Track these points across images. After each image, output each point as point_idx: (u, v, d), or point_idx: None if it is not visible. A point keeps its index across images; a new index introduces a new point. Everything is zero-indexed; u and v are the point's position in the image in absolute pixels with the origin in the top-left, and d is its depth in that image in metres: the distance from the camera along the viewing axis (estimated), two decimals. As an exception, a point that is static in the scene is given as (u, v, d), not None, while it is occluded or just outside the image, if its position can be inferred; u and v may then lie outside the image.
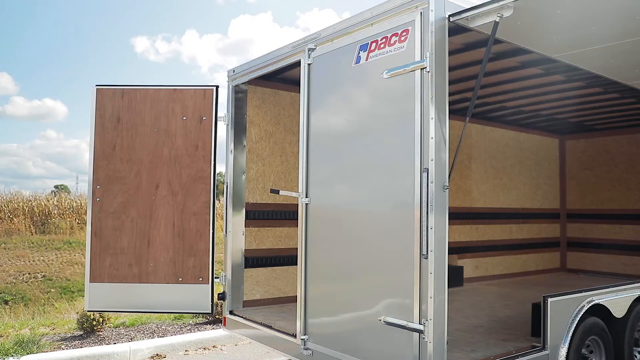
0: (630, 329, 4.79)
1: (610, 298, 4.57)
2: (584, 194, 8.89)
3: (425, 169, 3.17)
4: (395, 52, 3.41)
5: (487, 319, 5.05)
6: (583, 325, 4.25)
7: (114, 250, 5.14)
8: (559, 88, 5.96)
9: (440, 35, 3.26)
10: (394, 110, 3.42)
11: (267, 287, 5.45)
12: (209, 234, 5.11)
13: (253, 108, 5.47)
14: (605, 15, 3.28)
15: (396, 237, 3.34)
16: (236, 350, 6.02)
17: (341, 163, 3.87)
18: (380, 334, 3.42)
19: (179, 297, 5.12)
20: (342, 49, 3.86)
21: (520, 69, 5.13)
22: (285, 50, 4.56)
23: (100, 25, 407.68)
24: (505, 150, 8.15)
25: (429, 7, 3.23)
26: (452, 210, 7.44)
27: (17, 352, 5.32)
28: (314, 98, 4.11)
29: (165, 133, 5.22)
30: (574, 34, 3.60)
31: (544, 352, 3.92)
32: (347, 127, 3.84)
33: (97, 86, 5.31)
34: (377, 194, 3.55)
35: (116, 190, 5.19)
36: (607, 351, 4.50)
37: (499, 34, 3.65)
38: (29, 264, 17.35)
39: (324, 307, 3.98)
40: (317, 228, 4.04)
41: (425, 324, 3.14)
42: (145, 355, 5.71)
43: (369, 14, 3.67)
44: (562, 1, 3.03)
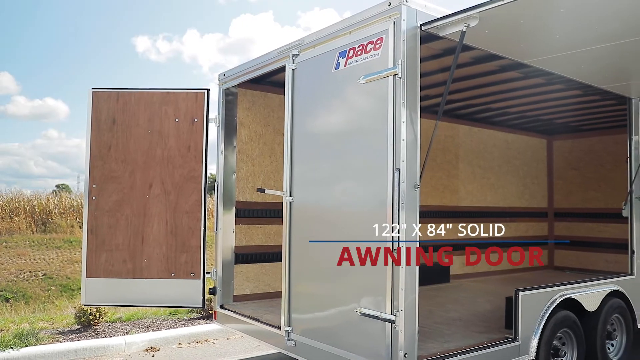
0: (602, 322, 4.99)
1: (582, 292, 4.78)
2: (570, 193, 9.09)
3: (397, 169, 3.38)
4: (370, 59, 3.62)
5: (466, 313, 5.25)
6: (554, 318, 4.45)
7: (109, 247, 5.36)
8: (540, 90, 6.16)
9: (412, 43, 3.47)
10: (369, 114, 3.63)
11: (256, 283, 5.66)
12: (200, 231, 5.33)
13: (243, 110, 5.68)
14: (565, 26, 3.48)
15: (372, 233, 3.54)
16: (228, 344, 6.24)
17: (322, 163, 4.08)
18: (357, 325, 3.63)
19: (172, 292, 5.33)
20: (323, 55, 4.07)
21: (499, 72, 5.33)
22: (271, 55, 4.77)
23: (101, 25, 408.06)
24: (492, 151, 8.35)
25: (401, 17, 3.43)
26: (439, 209, 7.69)
27: (17, 344, 5.54)
28: (298, 102, 4.32)
29: (158, 134, 5.43)
30: (541, 42, 3.81)
31: (515, 343, 4.13)
32: (327, 129, 4.05)
33: (93, 89, 5.52)
34: (354, 193, 3.76)
35: (111, 189, 5.40)
36: (578, 343, 4.71)
37: (470, 41, 3.88)
38: (29, 262, 17.57)
39: (306, 300, 4.20)
40: (300, 225, 4.24)
41: (396, 314, 3.34)
42: (140, 348, 5.93)
43: (347, 22, 3.88)
44: (523, 12, 3.23)
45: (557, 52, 4.00)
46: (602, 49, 3.90)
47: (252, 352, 5.89)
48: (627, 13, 3.29)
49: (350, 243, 3.73)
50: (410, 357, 3.37)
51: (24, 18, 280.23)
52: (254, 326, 4.80)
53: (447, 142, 7.66)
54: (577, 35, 3.62)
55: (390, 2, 3.51)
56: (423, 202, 7.49)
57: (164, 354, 5.80)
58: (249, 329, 4.89)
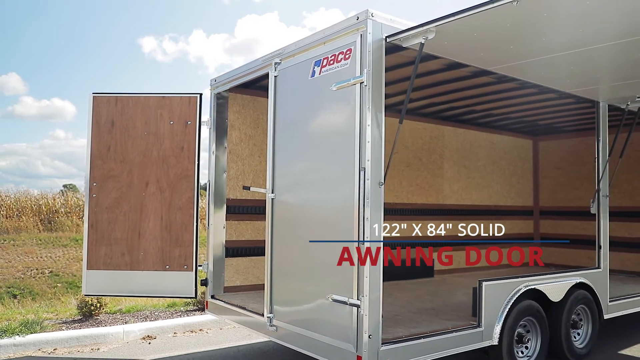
0: (567, 312, 5.32)
1: (546, 284, 5.11)
2: (555, 192, 9.40)
3: (363, 168, 3.73)
4: (341, 68, 3.97)
5: (441, 303, 5.58)
6: (518, 307, 4.79)
7: (109, 241, 5.75)
8: (516, 94, 6.48)
9: (377, 54, 3.82)
10: (340, 118, 3.99)
11: (246, 275, 6.03)
12: (193, 227, 5.71)
13: (234, 113, 6.05)
14: (516, 38, 3.82)
15: (341, 226, 3.90)
16: (220, 333, 6.61)
17: (300, 163, 4.44)
18: (329, 310, 3.98)
19: (166, 283, 5.72)
20: (301, 63, 4.43)
21: (473, 77, 5.66)
22: (257, 63, 5.14)
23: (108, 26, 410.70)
24: (478, 151, 8.67)
25: (367, 30, 3.78)
26: (424, 207, 8.03)
27: (22, 331, 5.95)
28: (280, 106, 4.68)
29: (154, 136, 5.82)
30: (497, 51, 4.14)
31: (479, 329, 4.47)
32: (305, 131, 4.41)
33: (93, 94, 5.92)
34: (327, 190, 4.12)
35: (110, 187, 5.80)
36: (542, 331, 5.04)
37: (434, 51, 4.23)
38: (36, 260, 18.02)
39: (286, 289, 4.56)
40: (281, 220, 4.61)
41: (362, 299, 3.69)
42: (137, 337, 6.31)
43: (322, 34, 4.23)
44: (475, 26, 3.57)
45: (515, 61, 4.34)
46: (557, 57, 4.23)
47: (243, 340, 6.26)
48: (572, 26, 3.63)
49: (324, 235, 4.09)
50: (375, 339, 3.72)
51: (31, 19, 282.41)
52: (241, 314, 5.17)
53: (432, 142, 8.00)
54: (528, 46, 3.95)
55: (358, 17, 3.87)
56: (408, 200, 7.91)
57: (160, 342, 6.19)
58: (236, 317, 5.26)
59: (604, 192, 6.04)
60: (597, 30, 3.69)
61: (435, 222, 8.01)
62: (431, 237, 7.96)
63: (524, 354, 4.96)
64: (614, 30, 3.69)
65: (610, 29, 3.66)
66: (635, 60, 4.33)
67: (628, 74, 4.91)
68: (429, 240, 7.88)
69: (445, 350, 4.19)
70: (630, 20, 3.47)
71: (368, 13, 3.80)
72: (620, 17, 3.43)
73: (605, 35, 3.78)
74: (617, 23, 3.57)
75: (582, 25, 3.55)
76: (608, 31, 3.71)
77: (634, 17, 3.39)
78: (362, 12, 3.84)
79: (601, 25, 3.60)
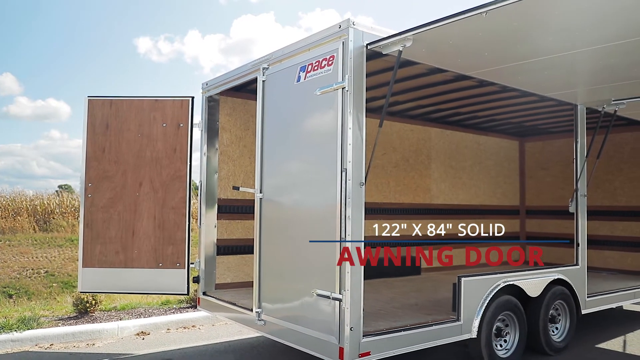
0: (545, 307, 5.54)
1: (524, 280, 5.33)
2: (540, 192, 9.64)
3: (344, 169, 3.93)
4: (324, 74, 4.17)
5: (424, 299, 5.79)
6: (496, 302, 5.00)
7: (104, 240, 5.93)
8: (500, 97, 6.69)
9: (358, 60, 4.02)
10: (323, 121, 4.19)
11: (236, 272, 6.22)
12: (185, 226, 5.90)
13: (225, 116, 6.25)
14: (489, 45, 4.03)
15: (325, 225, 4.10)
16: (212, 329, 6.80)
17: (287, 164, 4.64)
18: (314, 304, 4.18)
19: (160, 280, 5.90)
20: (288, 69, 4.63)
21: (455, 81, 5.87)
22: (246, 67, 5.33)
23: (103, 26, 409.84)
24: (464, 152, 8.90)
25: (348, 38, 3.99)
26: (411, 206, 8.24)
27: (20, 327, 6.13)
28: (268, 109, 4.88)
29: (147, 138, 6.01)
30: (473, 58, 4.35)
31: (458, 322, 4.68)
32: (291, 134, 4.61)
33: (88, 97, 6.09)
34: (312, 191, 4.32)
35: (105, 188, 5.98)
36: (520, 325, 5.25)
37: (414, 57, 4.44)
38: (32, 260, 18.12)
39: (273, 285, 4.75)
40: (269, 219, 4.80)
41: (343, 294, 3.89)
42: (131, 333, 6.50)
43: (307, 41, 4.43)
44: (449, 34, 3.78)
45: (492, 66, 4.55)
46: (531, 63, 4.45)
47: (234, 336, 6.45)
48: (542, 35, 3.84)
49: (309, 233, 4.29)
50: (356, 331, 3.92)
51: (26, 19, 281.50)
52: (231, 310, 5.36)
53: (419, 144, 8.21)
54: (501, 53, 4.16)
55: (340, 25, 4.07)
56: (395, 200, 8.11)
57: (154, 338, 6.37)
58: (227, 312, 5.45)
59: (582, 192, 6.25)
60: (566, 38, 3.90)
61: (422, 221, 8.22)
62: (419, 235, 8.17)
63: (502, 347, 5.17)
64: (583, 40, 3.89)
65: (579, 39, 3.87)
66: (609, 65, 4.53)
67: (604, 78, 5.12)
68: (417, 238, 8.09)
69: (425, 342, 4.40)
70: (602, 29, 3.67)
71: (350, 22, 4.00)
72: (590, 27, 3.64)
73: (574, 44, 3.99)
74: (587, 33, 3.79)
75: (552, 34, 3.76)
76: (577, 40, 3.92)
77: (606, 26, 3.58)
78: (344, 20, 4.05)
79: (571, 34, 3.81)
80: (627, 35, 3.72)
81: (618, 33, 3.72)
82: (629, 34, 3.69)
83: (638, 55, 4.13)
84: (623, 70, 4.66)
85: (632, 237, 8.40)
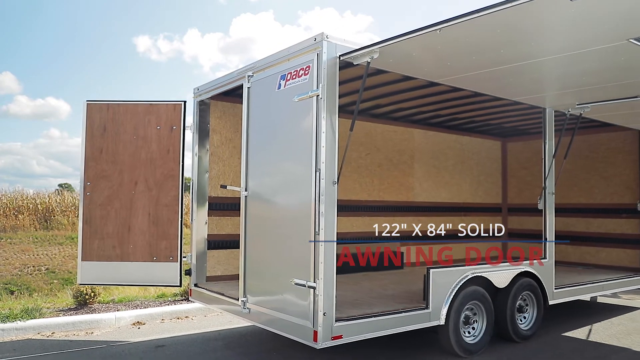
0: (512, 297, 5.94)
1: (491, 272, 5.73)
2: (522, 190, 10.05)
3: (318, 169, 4.33)
4: (301, 82, 4.58)
5: (401, 291, 6.18)
6: (464, 292, 5.40)
7: (101, 235, 6.34)
8: (475, 100, 7.07)
9: (331, 70, 4.42)
10: (300, 126, 4.58)
11: (226, 266, 6.63)
12: (178, 222, 6.31)
13: (215, 119, 6.65)
14: (450, 56, 4.43)
15: (301, 220, 4.49)
16: (204, 320, 7.21)
17: (269, 164, 5.05)
18: (292, 292, 4.59)
19: (154, 273, 6.31)
20: (270, 77, 5.03)
21: (429, 86, 6.25)
22: (233, 75, 5.73)
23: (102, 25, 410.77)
24: (447, 152, 9.30)
25: (322, 50, 4.38)
26: (395, 203, 8.64)
27: (23, 317, 6.55)
28: (252, 114, 5.28)
29: (142, 140, 6.41)
30: (438, 67, 4.75)
31: (427, 310, 5.09)
32: (273, 136, 5.01)
33: (87, 101, 6.50)
34: (290, 188, 4.72)
35: (103, 186, 6.38)
36: (487, 314, 5.65)
37: (384, 67, 4.85)
38: (33, 257, 18.53)
39: (257, 276, 5.16)
40: (253, 215, 5.21)
41: (317, 282, 4.30)
42: (128, 322, 6.91)
43: (287, 52, 4.83)
44: (411, 47, 4.18)
45: (457, 74, 4.95)
46: (495, 71, 4.84)
47: (225, 325, 6.85)
48: (493, 48, 4.24)
49: (288, 228, 4.70)
50: (329, 316, 4.32)
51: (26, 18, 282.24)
52: (220, 300, 5.77)
53: (402, 144, 8.61)
54: (463, 63, 4.56)
55: (316, 38, 4.47)
56: (380, 198, 8.52)
57: (149, 327, 6.78)
58: (216, 302, 5.86)
59: (550, 190, 6.67)
60: (521, 50, 4.29)
61: (405, 217, 8.63)
62: (402, 231, 8.57)
63: (470, 334, 5.58)
64: (538, 51, 4.28)
65: (534, 50, 4.26)
66: (571, 72, 4.90)
67: (566, 84, 5.50)
68: (400, 234, 8.49)
69: (394, 328, 4.81)
70: (553, 41, 4.05)
71: (324, 35, 4.41)
72: (541, 40, 4.03)
73: (530, 54, 4.38)
74: (538, 45, 4.18)
75: (503, 46, 4.16)
76: (532, 51, 4.31)
77: (557, 38, 3.95)
78: (319, 34, 4.45)
79: (525, 46, 4.19)
80: (580, 47, 4.07)
81: (565, 45, 4.11)
82: (584, 45, 4.02)
83: (593, 63, 4.49)
84: (581, 76, 5.04)
85: (606, 233, 8.81)
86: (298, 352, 5.53)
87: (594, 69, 4.67)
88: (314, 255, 4.34)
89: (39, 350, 5.70)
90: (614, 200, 8.77)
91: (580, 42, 3.96)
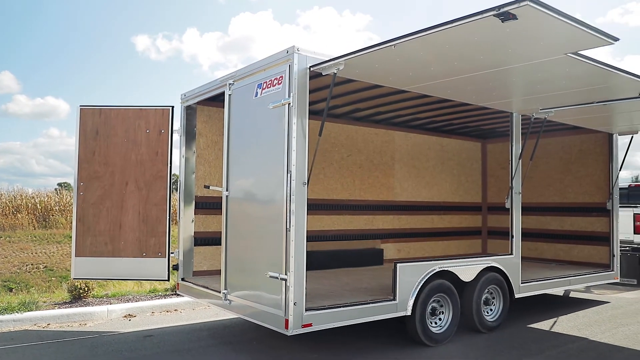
0: (478, 291, 6.34)
1: (457, 266, 6.12)
2: (500, 189, 10.44)
3: (289, 171, 4.73)
4: (275, 91, 4.97)
5: (376, 285, 6.57)
6: (431, 285, 5.79)
7: (94, 232, 6.74)
8: (448, 104, 7.46)
9: (302, 80, 4.81)
10: (274, 131, 4.98)
11: (212, 261, 7.02)
12: (166, 220, 6.71)
13: (201, 123, 7.05)
14: (410, 68, 4.82)
15: (274, 218, 4.89)
16: (192, 313, 7.61)
17: (247, 166, 5.44)
18: (267, 284, 4.98)
19: (143, 268, 6.72)
20: (248, 85, 5.42)
21: (400, 92, 6.62)
22: (217, 82, 6.13)
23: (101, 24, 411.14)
24: (427, 153, 9.70)
25: (293, 62, 4.78)
26: (376, 202, 9.08)
27: (21, 309, 6.95)
28: (232, 119, 5.68)
29: (133, 142, 6.81)
30: (401, 77, 5.14)
31: (394, 302, 5.48)
32: (250, 140, 5.40)
33: (80, 106, 6.89)
34: (264, 189, 5.12)
35: (95, 186, 6.78)
36: (453, 306, 6.05)
37: (352, 76, 5.24)
38: (31, 255, 18.87)
39: (237, 269, 5.55)
40: (233, 214, 5.60)
41: (289, 274, 4.69)
42: (119, 315, 7.31)
43: (263, 62, 5.23)
44: (373, 60, 4.56)
45: (420, 83, 5.35)
46: (453, 80, 5.23)
47: (211, 318, 7.25)
48: (447, 60, 4.63)
49: (262, 225, 5.09)
50: (299, 306, 4.72)
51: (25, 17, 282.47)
52: (204, 293, 6.16)
53: (383, 146, 9.01)
54: (422, 73, 4.95)
55: (288, 50, 4.86)
56: (361, 197, 8.93)
57: (139, 319, 7.18)
58: (201, 294, 6.26)
59: (516, 190, 7.07)
60: (467, 63, 4.66)
61: (386, 216, 9.04)
62: (382, 229, 8.99)
63: (437, 324, 5.98)
64: (479, 64, 4.65)
65: (475, 64, 4.65)
66: (527, 81, 5.28)
67: (528, 91, 5.88)
68: (381, 232, 8.91)
69: (362, 317, 5.20)
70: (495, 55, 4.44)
71: (295, 48, 4.80)
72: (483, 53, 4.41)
73: (481, 66, 4.76)
74: (484, 60, 4.56)
75: (455, 59, 4.55)
76: (482, 62, 4.69)
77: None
78: (291, 47, 4.84)
79: (472, 60, 4.57)
80: (525, 60, 4.45)
81: (511, 59, 4.50)
82: (529, 58, 4.40)
83: (543, 73, 4.88)
84: (536, 85, 5.43)
85: (578, 231, 9.21)
86: (276, 340, 5.93)
87: (545, 78, 5.06)
88: (285, 250, 4.74)
89: (35, 339, 6.10)
90: (586, 199, 9.18)
91: (524, 57, 4.36)
